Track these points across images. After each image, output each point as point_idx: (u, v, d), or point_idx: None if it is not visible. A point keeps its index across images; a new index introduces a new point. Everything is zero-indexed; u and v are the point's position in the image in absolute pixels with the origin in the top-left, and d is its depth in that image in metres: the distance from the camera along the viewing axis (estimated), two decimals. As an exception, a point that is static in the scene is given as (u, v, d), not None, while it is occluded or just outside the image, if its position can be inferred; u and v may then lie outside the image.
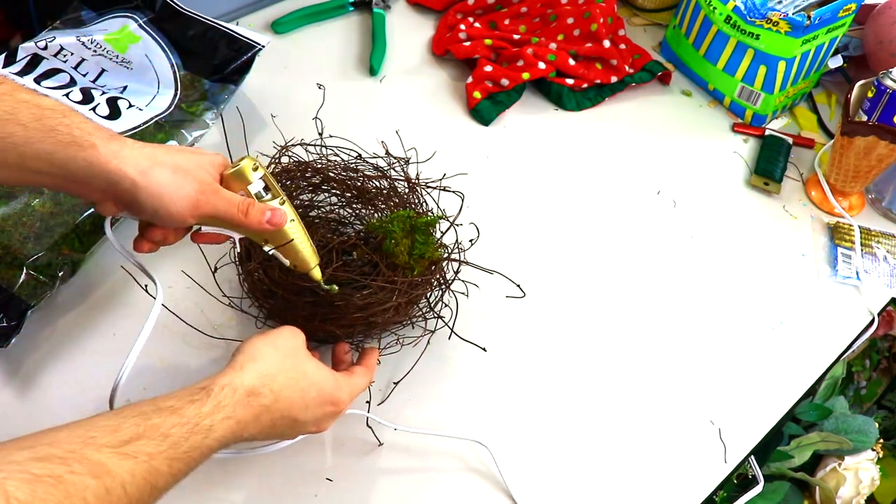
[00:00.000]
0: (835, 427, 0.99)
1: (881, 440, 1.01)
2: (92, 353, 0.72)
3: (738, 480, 0.89)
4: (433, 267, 0.72)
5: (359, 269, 0.71)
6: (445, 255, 0.73)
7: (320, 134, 0.80)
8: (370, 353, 0.68)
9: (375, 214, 0.78)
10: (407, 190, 0.77)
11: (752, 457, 0.80)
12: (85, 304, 0.75)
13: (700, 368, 0.81)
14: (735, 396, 0.80)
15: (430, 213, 0.76)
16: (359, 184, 0.78)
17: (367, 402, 0.71)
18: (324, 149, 0.78)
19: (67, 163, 0.53)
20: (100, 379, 0.70)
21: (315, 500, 0.67)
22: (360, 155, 0.79)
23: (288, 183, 0.78)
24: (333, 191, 0.79)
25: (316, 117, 0.80)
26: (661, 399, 0.78)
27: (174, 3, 0.88)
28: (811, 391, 0.84)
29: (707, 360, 0.82)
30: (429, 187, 0.78)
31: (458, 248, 0.75)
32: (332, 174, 0.77)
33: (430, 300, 0.74)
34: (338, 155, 0.79)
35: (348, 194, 0.79)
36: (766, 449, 0.90)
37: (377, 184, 0.78)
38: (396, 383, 0.73)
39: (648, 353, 0.82)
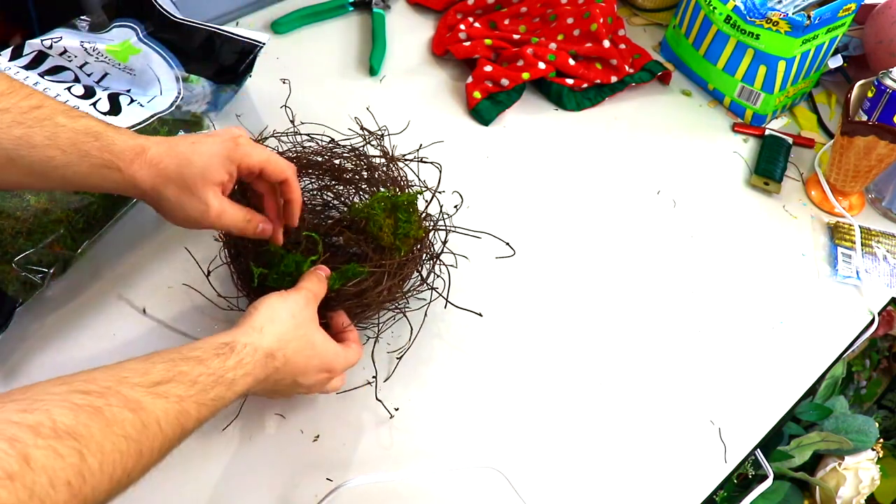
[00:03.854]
0: (835, 427, 0.99)
1: (881, 440, 1.01)
2: (80, 351, 0.72)
3: (739, 480, 0.89)
4: (419, 246, 0.73)
5: (347, 256, 0.72)
6: (431, 226, 0.74)
7: (292, 121, 0.79)
8: (351, 330, 0.69)
9: (357, 196, 0.78)
10: (385, 166, 0.77)
11: (759, 451, 0.80)
12: (75, 302, 0.75)
13: (700, 368, 0.81)
14: (735, 396, 0.80)
15: (410, 188, 0.76)
16: (336, 164, 0.78)
17: (371, 381, 0.71)
18: (297, 137, 0.78)
19: (100, 182, 0.61)
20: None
21: (314, 499, 0.67)
22: (332, 139, 0.79)
23: None
24: (311, 176, 0.79)
25: (290, 111, 0.80)
26: (661, 399, 0.78)
27: (172, 15, 0.88)
28: (811, 391, 0.84)
29: (707, 360, 0.82)
30: (405, 160, 0.78)
31: (442, 215, 0.75)
32: (307, 160, 0.77)
33: (422, 273, 0.75)
34: (313, 140, 0.78)
35: (327, 178, 0.79)
36: (766, 449, 0.90)
37: (356, 162, 0.78)
38: (399, 358, 0.74)
39: (648, 352, 0.82)
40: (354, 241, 0.73)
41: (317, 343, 0.62)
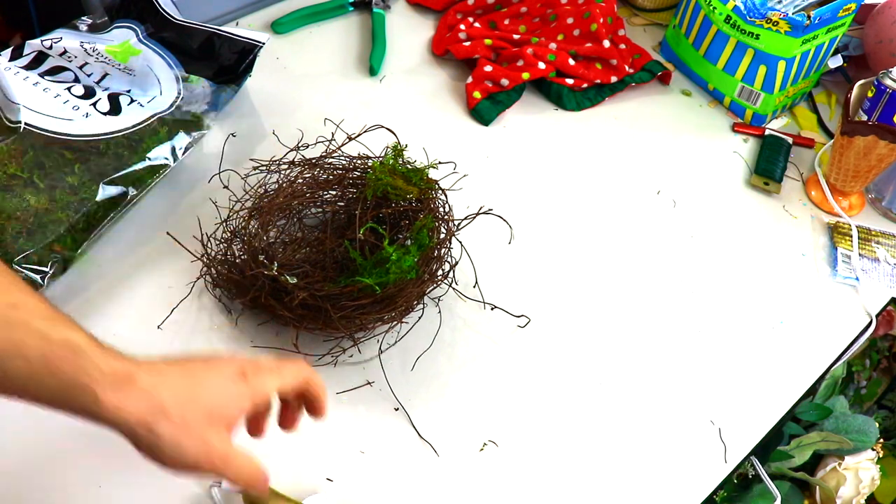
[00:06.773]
0: (835, 427, 0.99)
1: (881, 440, 1.01)
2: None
3: (738, 480, 0.89)
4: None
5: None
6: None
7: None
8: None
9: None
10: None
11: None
12: (75, 302, 0.75)
13: (700, 368, 0.81)
14: (735, 396, 0.80)
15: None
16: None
17: (371, 382, 0.71)
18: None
19: (68, 402, 0.51)
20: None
21: (315, 499, 0.67)
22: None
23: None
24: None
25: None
26: (661, 399, 0.78)
27: (172, 17, 0.88)
28: (811, 391, 0.84)
29: (707, 360, 0.82)
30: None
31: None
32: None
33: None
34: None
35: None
36: (766, 449, 0.90)
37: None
38: (417, 358, 0.74)
39: (649, 353, 0.82)
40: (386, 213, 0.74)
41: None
